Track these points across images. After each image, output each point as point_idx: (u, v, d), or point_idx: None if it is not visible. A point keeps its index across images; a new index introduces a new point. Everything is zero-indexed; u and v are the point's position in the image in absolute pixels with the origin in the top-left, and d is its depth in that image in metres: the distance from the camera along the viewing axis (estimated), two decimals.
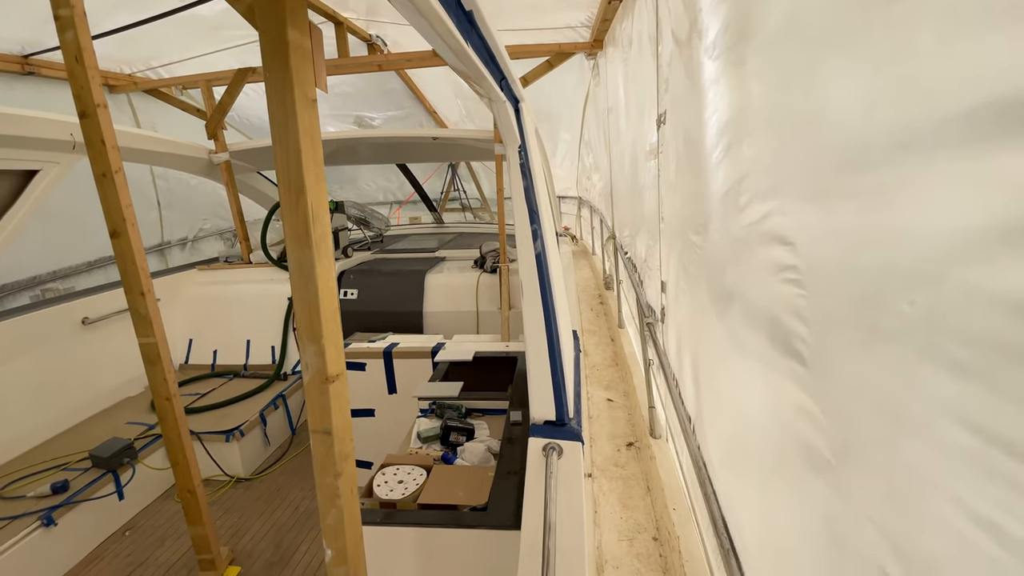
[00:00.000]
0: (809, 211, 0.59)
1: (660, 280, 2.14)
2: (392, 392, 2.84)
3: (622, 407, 2.79)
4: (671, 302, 1.95)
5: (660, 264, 2.14)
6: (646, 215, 2.37)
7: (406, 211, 8.12)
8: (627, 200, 3.01)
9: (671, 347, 1.98)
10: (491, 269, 4.10)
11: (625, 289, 3.45)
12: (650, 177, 2.24)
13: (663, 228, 2.05)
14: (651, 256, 2.26)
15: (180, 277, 4.20)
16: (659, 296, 2.17)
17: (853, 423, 0.53)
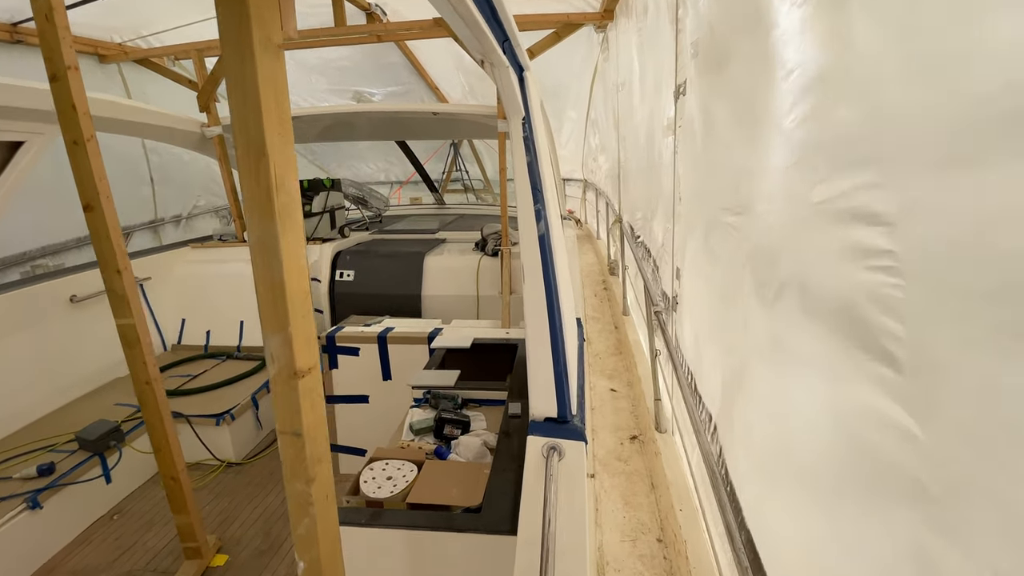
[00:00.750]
0: (922, 183, 0.46)
1: (674, 265, 2.01)
2: (387, 378, 2.73)
3: (625, 397, 2.68)
4: (686, 289, 1.82)
5: (673, 248, 2.00)
6: (663, 196, 2.22)
7: (407, 191, 7.95)
8: (641, 181, 2.85)
9: (685, 337, 1.85)
10: (492, 252, 3.96)
11: (631, 275, 3.31)
12: (667, 154, 2.09)
13: (679, 209, 1.90)
14: (668, 240, 2.12)
15: (172, 255, 4.08)
16: (672, 283, 2.03)
17: (973, 445, 0.40)
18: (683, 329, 1.87)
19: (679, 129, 1.84)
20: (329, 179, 4.24)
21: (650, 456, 2.18)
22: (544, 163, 1.77)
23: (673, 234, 1.98)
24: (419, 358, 2.67)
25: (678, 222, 1.93)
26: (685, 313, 1.84)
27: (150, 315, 3.79)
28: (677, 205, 1.93)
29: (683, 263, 1.86)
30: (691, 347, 1.74)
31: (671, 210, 2.03)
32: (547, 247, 1.56)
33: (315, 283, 3.99)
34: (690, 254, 1.74)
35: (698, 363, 1.67)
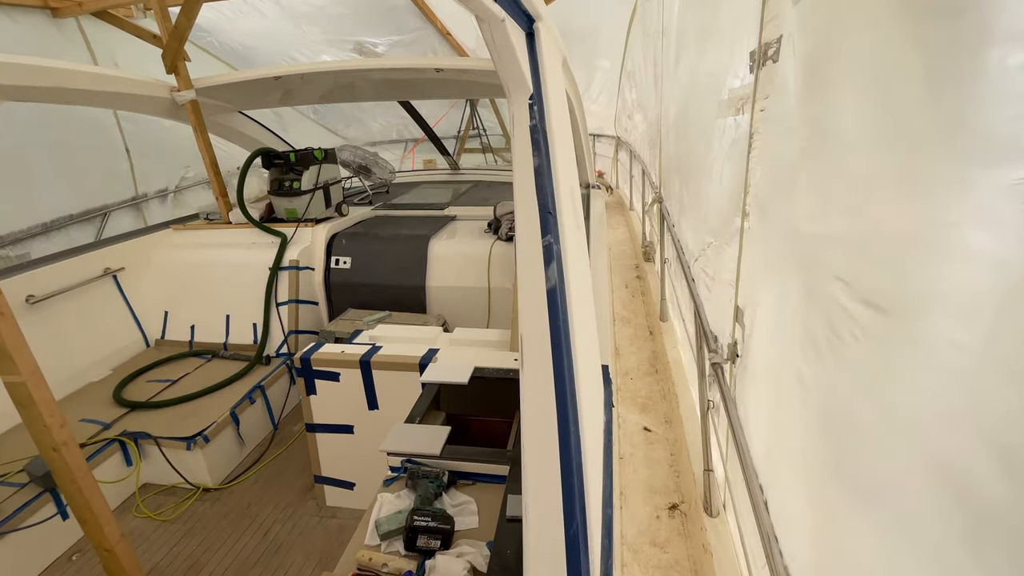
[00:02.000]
0: None
1: (734, 303, 1.42)
2: (373, 408, 2.28)
3: (663, 441, 2.16)
4: (756, 339, 1.25)
5: (737, 278, 1.41)
6: (713, 199, 1.60)
7: (423, 152, 7.30)
8: (681, 164, 2.20)
9: (750, 409, 1.31)
10: (506, 237, 3.39)
11: (672, 273, 2.71)
12: (727, 141, 1.46)
13: (750, 226, 1.30)
14: (719, 260, 1.52)
15: (153, 239, 3.67)
16: (730, 324, 1.46)
17: None
18: (746, 393, 1.32)
19: (760, 112, 1.21)
20: (321, 150, 3.68)
21: (696, 539, 1.68)
22: (561, 168, 1.19)
23: (739, 261, 1.38)
24: (409, 386, 2.20)
25: (746, 244, 1.33)
26: (751, 372, 1.28)
27: (128, 310, 3.42)
28: (746, 221, 1.32)
29: (753, 305, 1.27)
30: (754, 424, 1.20)
31: (729, 222, 1.42)
32: (560, 310, 1.00)
33: (309, 271, 3.54)
34: (768, 291, 1.15)
35: (770, 470, 1.13)
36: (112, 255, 3.37)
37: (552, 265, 1.06)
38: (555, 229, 1.10)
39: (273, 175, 3.60)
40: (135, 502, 2.59)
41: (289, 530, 2.41)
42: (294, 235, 3.50)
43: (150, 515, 2.52)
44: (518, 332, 2.60)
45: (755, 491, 1.15)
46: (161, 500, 2.62)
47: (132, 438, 2.61)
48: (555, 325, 1.02)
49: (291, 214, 3.61)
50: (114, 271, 3.34)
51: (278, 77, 3.42)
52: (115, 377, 3.12)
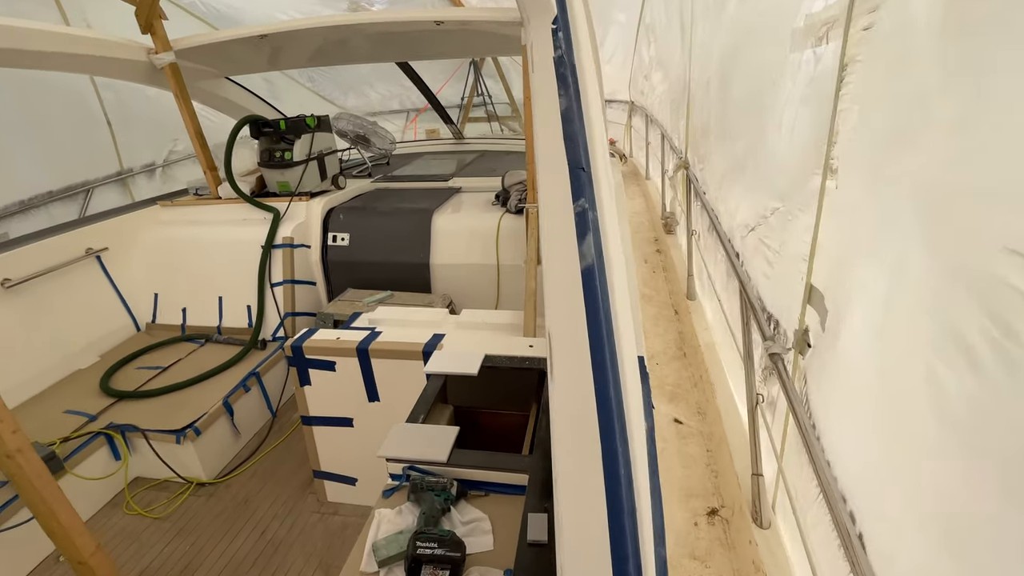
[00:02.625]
0: None
1: (806, 282, 1.17)
2: (373, 400, 2.07)
3: (697, 435, 1.94)
4: (850, 330, 1.00)
5: (812, 252, 1.15)
6: (779, 156, 1.32)
7: (425, 121, 6.95)
8: (727, 120, 1.90)
9: (834, 415, 1.07)
10: (516, 209, 3.12)
11: (703, 247, 2.44)
12: (801, 81, 1.18)
13: (837, 185, 1.04)
14: (787, 229, 1.26)
15: (139, 216, 3.43)
16: (799, 307, 1.20)
17: None
18: (832, 401, 1.07)
19: (863, 31, 0.92)
20: (314, 117, 3.40)
21: (743, 553, 1.47)
22: (594, 106, 0.92)
23: (816, 230, 1.11)
24: (413, 375, 1.98)
25: (829, 208, 1.06)
26: (839, 373, 1.03)
27: (115, 292, 3.22)
28: (830, 177, 1.05)
29: (840, 286, 1.02)
30: (854, 453, 0.96)
31: (803, 182, 1.15)
32: (601, 303, 0.76)
33: (304, 249, 3.30)
34: (875, 279, 0.90)
35: (868, 497, 0.89)
36: (94, 234, 3.14)
37: (588, 238, 0.81)
38: (590, 190, 0.84)
39: (263, 145, 3.33)
40: (125, 498, 2.42)
41: (288, 528, 2.24)
42: (287, 210, 3.26)
43: (141, 512, 2.36)
44: (535, 318, 2.36)
45: (841, 518, 0.92)
46: (153, 495, 2.46)
47: (119, 431, 2.43)
48: (594, 315, 0.77)
49: (283, 187, 3.35)
50: (97, 251, 3.12)
51: (264, 36, 3.12)
52: (103, 364, 2.94)
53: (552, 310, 0.79)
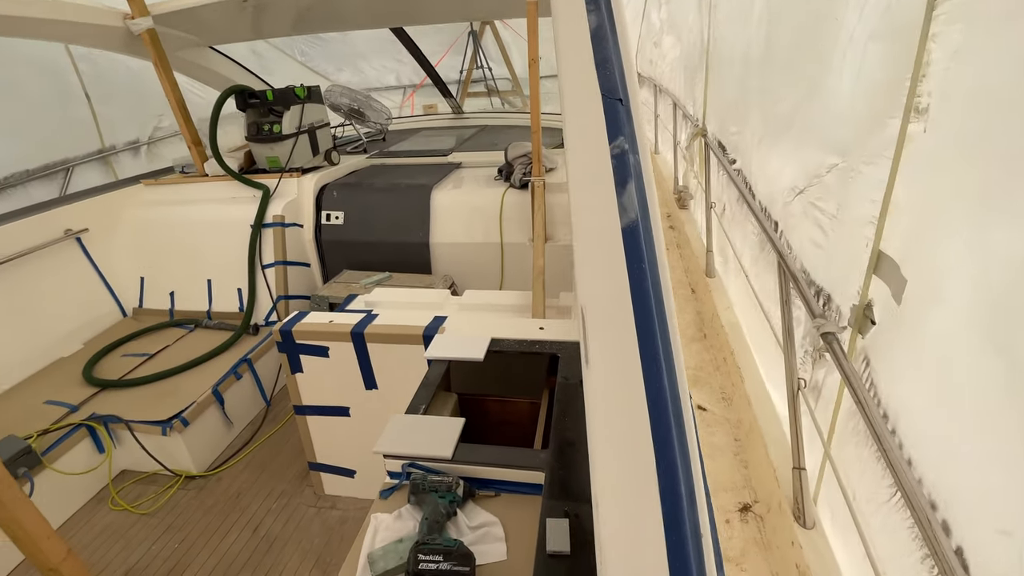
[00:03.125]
0: None
1: (873, 248, 0.99)
2: (371, 388, 1.92)
3: (723, 422, 1.78)
4: (944, 305, 0.83)
5: (884, 213, 0.97)
6: (840, 102, 1.13)
7: (422, 97, 6.70)
8: (766, 77, 1.70)
9: (917, 405, 0.91)
10: (520, 184, 2.93)
11: (728, 220, 2.26)
12: (876, 9, 0.98)
13: (925, 128, 0.85)
14: (849, 188, 1.08)
15: (121, 196, 3.25)
16: (860, 278, 1.03)
17: None
18: (913, 389, 0.91)
19: None
20: (303, 87, 3.18)
21: (783, 555, 1.33)
22: (629, 26, 0.74)
23: (890, 187, 0.94)
24: (413, 361, 1.83)
25: (911, 162, 0.88)
26: (922, 356, 0.87)
27: (98, 276, 3.05)
28: (917, 118, 0.87)
29: (923, 253, 0.85)
30: (952, 454, 0.79)
31: (874, 130, 0.97)
32: (649, 270, 0.60)
33: (297, 229, 3.12)
34: (987, 244, 0.73)
35: (974, 509, 0.73)
36: (73, 214, 2.96)
37: (629, 187, 0.63)
38: (630, 128, 0.66)
39: (250, 118, 3.13)
40: (110, 493, 2.29)
41: (283, 523, 2.11)
42: (277, 187, 3.07)
43: (127, 508, 2.23)
44: (544, 298, 2.20)
45: (931, 528, 0.76)
46: (141, 490, 2.33)
47: (101, 422, 2.29)
48: (639, 285, 0.60)
49: (273, 163, 3.16)
50: (76, 233, 2.95)
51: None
52: (87, 352, 2.79)
53: (586, 281, 0.62)
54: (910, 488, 0.82)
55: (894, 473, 0.85)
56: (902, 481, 0.83)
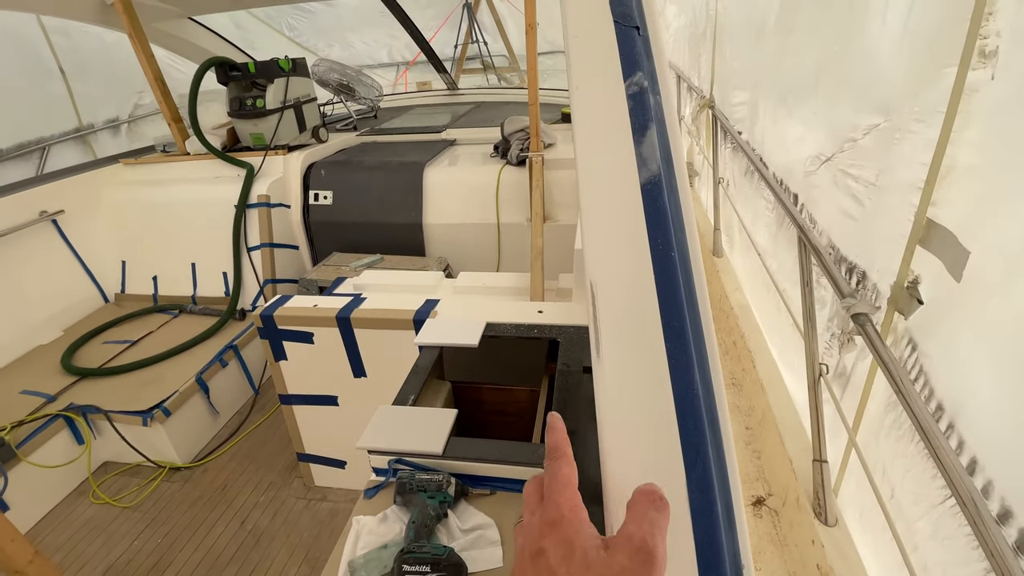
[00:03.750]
0: None
1: (918, 217, 0.87)
2: (359, 376, 1.81)
3: (734, 411, 1.68)
4: (998, 281, 0.72)
5: (934, 175, 0.85)
6: (884, 55, 0.99)
7: (416, 74, 6.48)
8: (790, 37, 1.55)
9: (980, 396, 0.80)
10: (518, 160, 2.79)
11: (737, 195, 2.13)
12: None
13: (994, 75, 0.73)
14: (892, 151, 0.95)
15: (99, 176, 3.10)
16: (900, 252, 0.92)
17: None
18: (958, 366, 0.80)
19: None
20: (288, 59, 3.01)
21: (803, 554, 1.23)
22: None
23: (944, 143, 0.81)
24: (403, 347, 1.72)
25: (973, 116, 0.76)
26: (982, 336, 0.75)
27: (77, 260, 2.92)
28: (985, 63, 0.74)
29: (987, 222, 0.73)
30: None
31: (927, 82, 0.84)
32: (675, 236, 0.48)
33: (284, 209, 2.99)
34: None
35: None
36: (48, 195, 2.82)
37: (649, 133, 0.51)
38: (649, 63, 0.54)
39: (232, 92, 2.97)
40: (91, 486, 2.20)
41: (271, 517, 2.02)
42: (262, 165, 2.92)
43: (109, 501, 2.14)
44: (543, 280, 2.07)
45: (995, 541, 0.65)
46: (123, 482, 2.24)
47: (80, 412, 2.18)
48: (663, 253, 0.49)
49: (258, 140, 3.00)
50: (52, 214, 2.81)
51: None
52: (67, 339, 2.67)
53: (596, 250, 0.50)
54: (964, 491, 0.72)
55: (945, 474, 0.74)
56: (957, 487, 0.72)
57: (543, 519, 0.40)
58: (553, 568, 0.36)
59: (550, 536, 0.38)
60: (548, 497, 0.42)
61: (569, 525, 0.39)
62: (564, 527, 0.38)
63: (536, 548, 0.38)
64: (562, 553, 0.37)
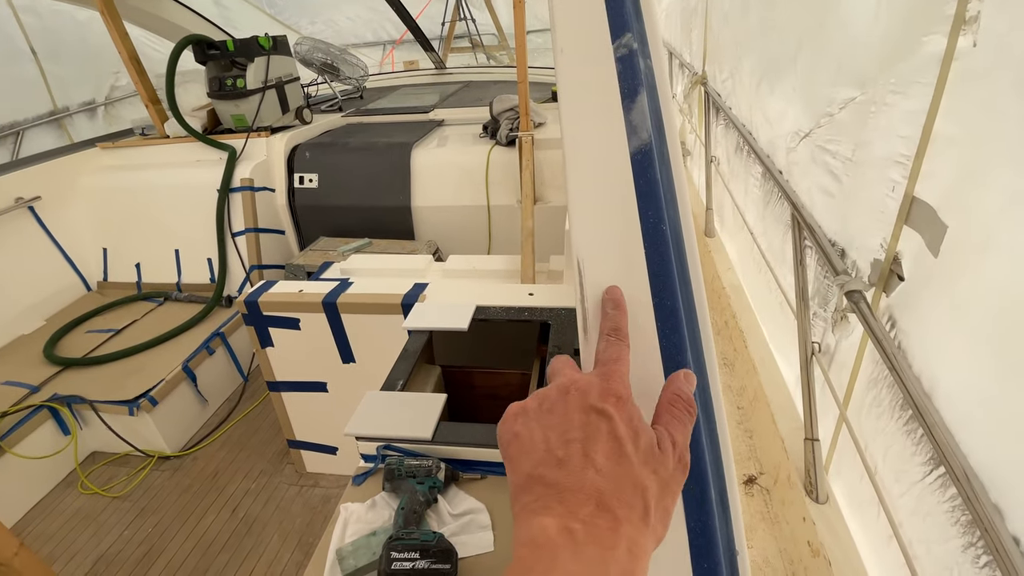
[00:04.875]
0: None
1: (904, 192, 0.85)
2: (348, 361, 1.78)
3: (725, 390, 1.68)
4: (978, 253, 0.70)
5: (922, 150, 0.83)
6: (862, 25, 0.96)
7: (403, 53, 6.33)
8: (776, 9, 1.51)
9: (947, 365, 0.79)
10: (507, 140, 2.74)
11: (728, 174, 2.10)
12: None
13: (976, 42, 0.70)
14: (868, 124, 0.93)
15: (75, 161, 3.00)
16: (885, 230, 0.90)
17: None
18: (937, 341, 0.79)
19: None
20: (268, 37, 2.91)
21: (793, 530, 1.24)
22: None
23: (932, 115, 0.79)
24: (393, 331, 1.69)
25: (953, 87, 0.73)
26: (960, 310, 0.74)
27: (56, 248, 2.84)
28: (967, 30, 0.72)
29: (966, 195, 0.71)
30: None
31: (900, 56, 0.81)
32: (667, 213, 0.45)
33: (268, 193, 2.92)
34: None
35: None
36: (23, 181, 2.73)
37: (639, 99, 0.48)
38: (638, 23, 0.50)
39: (211, 72, 2.87)
40: (79, 477, 2.17)
41: (263, 504, 2.01)
42: (244, 148, 2.85)
43: (97, 491, 2.11)
44: (534, 262, 2.05)
45: (983, 510, 0.65)
46: (112, 472, 2.21)
47: (64, 403, 2.14)
48: (654, 228, 0.46)
49: (239, 122, 2.92)
50: (28, 201, 2.72)
51: None
52: (49, 328, 2.62)
53: (583, 226, 0.47)
54: (956, 465, 0.71)
55: (937, 448, 0.73)
56: (947, 456, 0.71)
57: (609, 387, 0.36)
58: (621, 440, 0.33)
59: (616, 406, 0.35)
60: (613, 374, 0.38)
61: (635, 409, 0.36)
62: (630, 407, 0.36)
63: (596, 407, 0.35)
64: (628, 433, 0.34)
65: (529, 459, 0.34)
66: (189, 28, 3.40)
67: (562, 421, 0.35)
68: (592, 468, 0.32)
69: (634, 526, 0.31)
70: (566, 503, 0.30)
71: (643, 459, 0.33)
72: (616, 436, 0.33)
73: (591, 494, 0.31)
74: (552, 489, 0.31)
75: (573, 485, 0.31)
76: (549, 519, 0.30)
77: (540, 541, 0.29)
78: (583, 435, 0.33)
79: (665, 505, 0.34)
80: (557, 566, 0.28)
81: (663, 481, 0.33)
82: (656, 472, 0.33)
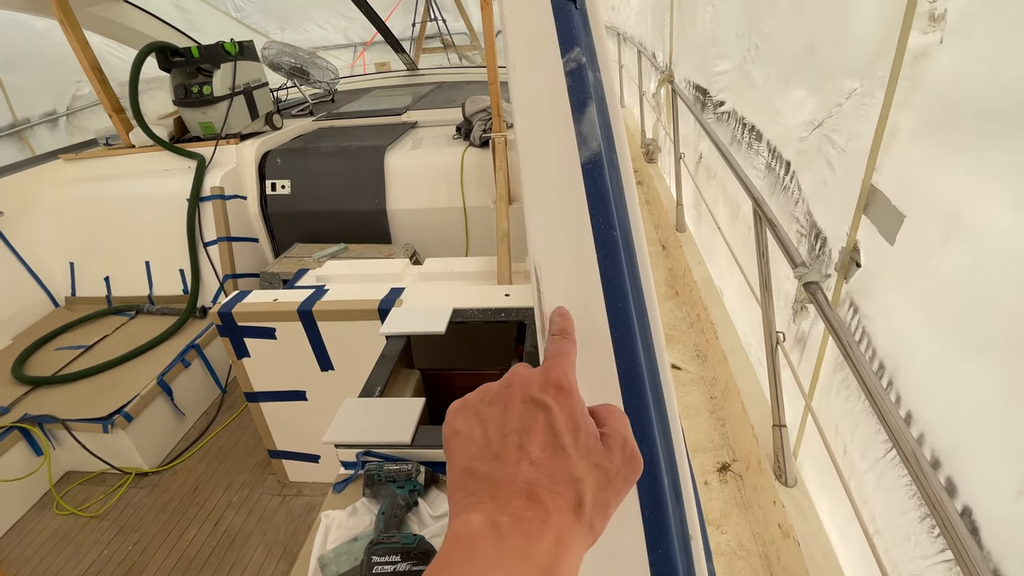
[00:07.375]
0: None
1: (863, 183, 0.89)
2: (327, 369, 1.78)
3: (699, 383, 1.72)
4: (934, 242, 0.74)
5: (878, 142, 0.87)
6: (862, 17, 1.00)
7: (374, 55, 6.28)
8: None
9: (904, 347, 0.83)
10: (481, 141, 2.75)
11: (700, 170, 2.15)
12: None
13: (942, 36, 0.74)
14: (860, 117, 0.97)
15: (37, 174, 2.92)
16: (849, 219, 0.94)
17: None
18: (895, 325, 0.83)
19: None
20: (234, 43, 2.87)
21: (765, 514, 1.29)
22: None
23: (886, 108, 0.83)
24: (370, 337, 1.68)
25: (918, 82, 0.77)
26: (915, 295, 0.79)
27: (20, 263, 2.76)
28: (926, 31, 0.76)
29: (921, 185, 0.75)
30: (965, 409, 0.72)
31: (886, 50, 0.85)
32: (614, 214, 0.47)
33: (240, 201, 2.88)
34: (986, 174, 0.63)
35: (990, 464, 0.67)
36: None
37: (588, 111, 0.50)
38: (587, 36, 0.53)
39: (176, 79, 2.81)
40: (54, 497, 2.12)
41: (245, 516, 1.99)
42: (214, 156, 2.80)
43: (74, 511, 2.07)
44: (509, 263, 2.06)
45: (930, 485, 0.69)
46: (88, 491, 2.17)
47: (35, 423, 2.09)
48: (605, 233, 0.48)
49: (207, 129, 2.87)
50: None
51: None
52: (17, 347, 2.54)
53: (539, 233, 0.49)
54: (904, 442, 0.75)
55: (886, 426, 0.77)
56: (895, 434, 0.76)
57: (549, 378, 0.36)
58: (558, 432, 0.33)
59: (557, 399, 0.35)
60: (555, 366, 0.37)
61: (578, 403, 0.36)
62: (573, 401, 0.35)
63: (535, 398, 0.34)
64: (568, 424, 0.33)
65: (467, 453, 0.33)
66: (152, 35, 3.32)
67: (502, 413, 0.34)
68: (526, 460, 0.31)
69: (564, 517, 0.30)
70: (498, 499, 0.30)
71: (583, 452, 0.33)
72: (553, 428, 0.33)
73: (523, 487, 0.30)
74: (485, 483, 0.31)
75: (506, 478, 0.30)
76: (476, 514, 0.29)
77: (462, 536, 0.28)
78: (521, 426, 0.33)
79: (605, 499, 0.33)
80: (475, 558, 0.27)
81: (606, 475, 0.33)
82: (598, 466, 0.33)
